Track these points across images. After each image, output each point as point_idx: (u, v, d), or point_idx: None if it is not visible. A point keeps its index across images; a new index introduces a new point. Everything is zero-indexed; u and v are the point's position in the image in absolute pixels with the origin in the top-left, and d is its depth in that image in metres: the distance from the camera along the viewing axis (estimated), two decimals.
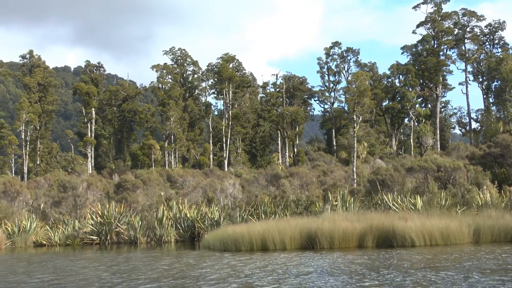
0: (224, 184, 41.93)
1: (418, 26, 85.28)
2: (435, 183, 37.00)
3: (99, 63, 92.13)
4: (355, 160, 46.70)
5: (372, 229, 27.85)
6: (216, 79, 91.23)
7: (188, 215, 39.00)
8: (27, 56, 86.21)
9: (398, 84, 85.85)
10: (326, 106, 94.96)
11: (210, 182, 42.41)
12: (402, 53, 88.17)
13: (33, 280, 20.81)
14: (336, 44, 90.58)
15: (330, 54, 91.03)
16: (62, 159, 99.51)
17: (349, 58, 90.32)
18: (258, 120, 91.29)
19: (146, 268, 23.01)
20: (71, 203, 41.16)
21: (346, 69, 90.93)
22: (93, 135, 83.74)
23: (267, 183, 44.25)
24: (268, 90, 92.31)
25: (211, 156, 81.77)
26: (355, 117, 46.73)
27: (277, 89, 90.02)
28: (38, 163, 79.22)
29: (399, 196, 37.23)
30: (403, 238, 27.15)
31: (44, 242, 39.03)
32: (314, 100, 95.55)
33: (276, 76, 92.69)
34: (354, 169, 46.14)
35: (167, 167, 75.39)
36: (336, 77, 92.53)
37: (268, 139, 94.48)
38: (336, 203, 38.95)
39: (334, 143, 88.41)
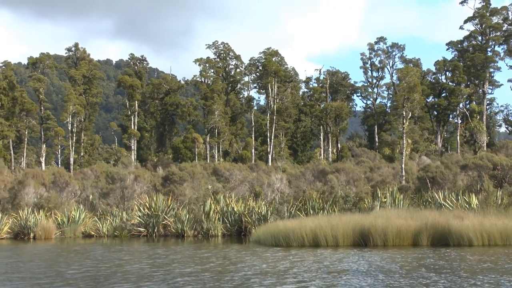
0: (271, 178, 41.66)
1: (465, 21, 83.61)
2: (490, 181, 36.15)
3: (142, 56, 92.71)
4: (403, 157, 45.97)
5: (427, 227, 27.33)
6: (258, 73, 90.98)
7: (235, 209, 38.85)
8: (73, 49, 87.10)
9: (444, 81, 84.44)
10: (368, 102, 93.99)
11: (257, 177, 42.18)
12: (447, 49, 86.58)
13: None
14: (381, 39, 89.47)
15: (375, 49, 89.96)
16: (104, 151, 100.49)
17: (394, 53, 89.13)
18: (299, 115, 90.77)
19: (217, 262, 22.88)
20: (119, 195, 41.34)
21: (390, 65, 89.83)
22: (135, 128, 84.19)
23: (313, 179, 43.81)
24: (311, 85, 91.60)
25: (253, 150, 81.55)
26: (404, 113, 46.03)
27: (320, 84, 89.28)
28: (82, 154, 79.96)
29: (451, 195, 36.47)
30: (460, 237, 26.58)
31: (93, 233, 39.34)
32: (357, 96, 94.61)
33: (320, 71, 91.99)
34: (403, 165, 45.46)
35: (208, 161, 75.45)
36: (379, 73, 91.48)
37: (309, 135, 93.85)
38: (385, 200, 38.45)
39: (376, 139, 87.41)
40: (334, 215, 32.35)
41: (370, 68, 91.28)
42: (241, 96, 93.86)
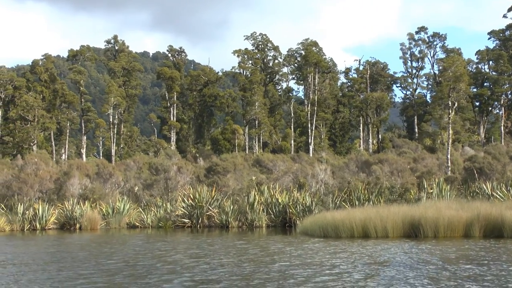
0: (315, 169, 41.32)
1: (509, 9, 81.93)
2: None
3: (181, 48, 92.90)
4: (449, 147, 45.24)
5: (479, 218, 26.76)
6: (296, 64, 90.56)
7: (279, 200, 38.63)
8: (112, 41, 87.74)
9: (487, 70, 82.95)
10: (407, 93, 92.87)
11: (301, 168, 41.88)
12: (489, 38, 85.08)
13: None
14: (422, 29, 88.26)
15: (416, 39, 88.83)
16: (142, 142, 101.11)
17: (435, 43, 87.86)
18: (337, 106, 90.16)
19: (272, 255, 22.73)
20: (163, 186, 41.43)
21: (431, 55, 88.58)
22: (174, 119, 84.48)
23: (357, 169, 43.38)
24: (351, 76, 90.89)
25: (292, 141, 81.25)
26: (450, 102, 45.23)
27: (360, 75, 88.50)
28: (122, 146, 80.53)
29: (500, 185, 35.75)
30: None
31: (137, 224, 39.52)
32: (396, 87, 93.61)
33: (359, 61, 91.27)
34: (448, 156, 44.73)
35: (247, 152, 75.39)
36: (419, 63, 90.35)
37: (348, 126, 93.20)
38: (431, 191, 37.89)
39: (416, 130, 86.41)
40: (381, 206, 31.94)
41: (410, 59, 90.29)
42: (279, 87, 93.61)
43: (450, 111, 45.87)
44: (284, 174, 42.06)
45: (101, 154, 74.69)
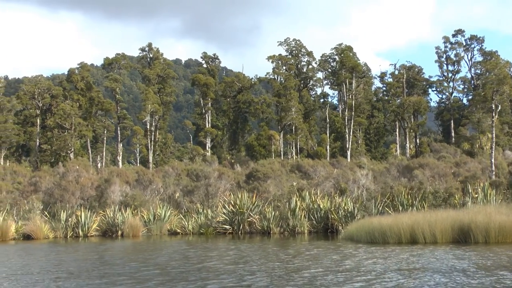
0: (356, 174, 40.89)
1: None
2: None
3: (214, 54, 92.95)
4: (493, 151, 44.43)
5: None
6: (330, 69, 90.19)
7: (321, 206, 38.26)
8: (146, 48, 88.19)
9: None
10: (443, 97, 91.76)
11: (342, 173, 41.47)
12: None
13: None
14: (459, 32, 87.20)
15: (453, 42, 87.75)
16: (176, 149, 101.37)
17: (472, 46, 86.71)
18: (372, 111, 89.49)
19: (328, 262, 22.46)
20: (203, 192, 41.33)
21: (469, 58, 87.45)
22: (209, 125, 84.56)
23: (398, 174, 42.83)
24: (386, 80, 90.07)
25: (327, 146, 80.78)
26: (493, 106, 44.44)
27: (396, 79, 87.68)
28: (157, 153, 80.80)
29: None
30: None
31: (178, 231, 39.46)
32: (432, 90, 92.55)
33: (394, 66, 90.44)
34: (492, 160, 43.94)
35: (282, 158, 75.05)
36: (455, 67, 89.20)
37: (382, 131, 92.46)
38: (476, 195, 37.24)
39: (453, 134, 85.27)
40: (427, 212, 31.45)
41: (445, 62, 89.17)
42: (313, 93, 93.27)
43: (494, 114, 45.06)
44: (325, 179, 41.67)
45: (138, 161, 74.96)
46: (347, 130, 78.25)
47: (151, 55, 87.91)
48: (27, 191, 42.58)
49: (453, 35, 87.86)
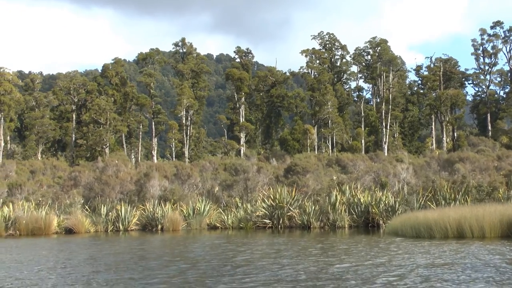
0: (396, 168, 40.43)
1: None
2: None
3: (247, 49, 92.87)
4: None
5: None
6: (364, 63, 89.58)
7: (361, 200, 37.89)
8: (179, 43, 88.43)
9: None
10: (479, 90, 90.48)
11: (382, 167, 41.04)
12: None
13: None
14: (498, 23, 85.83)
15: (490, 34, 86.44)
16: (208, 144, 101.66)
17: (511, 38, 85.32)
18: (406, 105, 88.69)
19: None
20: (242, 187, 41.21)
21: (507, 50, 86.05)
22: (243, 120, 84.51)
23: (439, 168, 42.25)
24: (421, 73, 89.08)
25: (362, 140, 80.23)
26: None
27: (432, 72, 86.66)
28: (192, 147, 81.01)
29: None
30: None
31: (218, 225, 39.33)
32: (468, 83, 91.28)
33: (430, 58, 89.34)
34: None
35: (316, 152, 74.72)
36: (492, 59, 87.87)
37: (417, 124, 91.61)
38: None
39: (490, 127, 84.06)
40: (471, 206, 30.93)
41: (482, 55, 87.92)
42: (346, 86, 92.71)
43: None
44: (365, 173, 41.26)
45: (174, 156, 75.23)
46: (384, 124, 77.51)
47: (184, 50, 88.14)
48: (67, 186, 42.90)
49: (491, 27, 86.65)
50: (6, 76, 73.87)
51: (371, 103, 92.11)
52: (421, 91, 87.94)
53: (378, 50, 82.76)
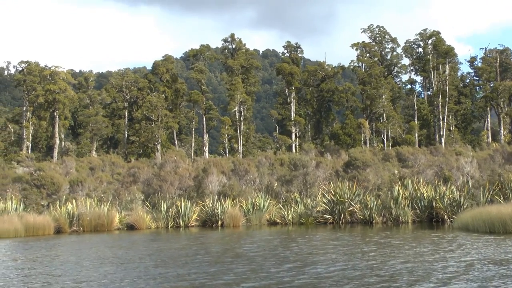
0: (459, 162, 39.49)
1: None
2: None
3: (296, 43, 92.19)
4: None
5: None
6: (414, 56, 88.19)
7: (425, 195, 37.09)
8: (229, 39, 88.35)
9: None
10: None
11: (445, 160, 40.14)
12: None
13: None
14: None
15: None
16: (256, 139, 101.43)
17: None
18: (459, 97, 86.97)
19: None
20: (301, 182, 40.79)
21: None
22: (294, 115, 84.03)
23: (503, 161, 41.14)
24: (476, 65, 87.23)
25: (416, 134, 78.97)
26: None
27: (487, 63, 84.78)
28: (243, 143, 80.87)
29: None
30: None
31: (278, 220, 38.99)
32: None
33: (485, 49, 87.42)
34: None
35: (367, 145, 73.78)
36: None
37: (470, 117, 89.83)
38: None
39: None
40: None
41: None
42: (398, 80, 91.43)
43: None
44: (427, 167, 40.40)
45: (226, 152, 75.22)
46: (440, 117, 76.05)
47: (233, 46, 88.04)
48: (127, 182, 43.13)
49: None
50: (60, 75, 74.87)
51: (422, 96, 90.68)
52: (476, 83, 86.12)
53: (431, 42, 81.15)
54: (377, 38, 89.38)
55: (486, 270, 16.27)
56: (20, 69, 78.21)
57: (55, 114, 74.75)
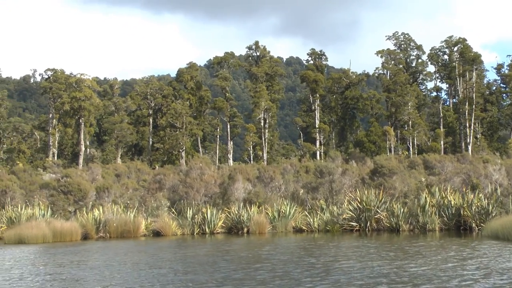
0: (487, 169, 39.06)
1: None
2: None
3: (321, 51, 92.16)
4: None
5: None
6: (440, 63, 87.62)
7: (452, 202, 36.70)
8: (253, 46, 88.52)
9: None
10: None
11: (473, 168, 39.73)
12: None
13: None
14: None
15: None
16: (280, 147, 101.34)
17: None
18: (485, 105, 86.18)
19: None
20: (327, 189, 40.60)
21: None
22: (318, 122, 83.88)
23: None
24: (503, 72, 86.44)
25: (441, 141, 78.36)
26: None
27: None
28: (267, 150, 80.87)
29: None
30: None
31: (304, 228, 38.80)
32: None
33: None
34: None
35: (392, 153, 73.38)
36: None
37: (496, 125, 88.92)
38: None
39: None
40: None
41: None
42: (423, 87, 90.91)
43: None
44: (454, 174, 40.01)
45: (251, 159, 75.25)
46: (467, 124, 75.38)
47: (257, 53, 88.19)
48: (153, 189, 43.24)
49: None
50: (86, 82, 75.55)
51: (447, 103, 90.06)
52: (502, 90, 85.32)
53: (457, 49, 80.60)
54: (402, 45, 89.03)
55: None
56: (46, 76, 79.10)
57: (80, 121, 75.41)
